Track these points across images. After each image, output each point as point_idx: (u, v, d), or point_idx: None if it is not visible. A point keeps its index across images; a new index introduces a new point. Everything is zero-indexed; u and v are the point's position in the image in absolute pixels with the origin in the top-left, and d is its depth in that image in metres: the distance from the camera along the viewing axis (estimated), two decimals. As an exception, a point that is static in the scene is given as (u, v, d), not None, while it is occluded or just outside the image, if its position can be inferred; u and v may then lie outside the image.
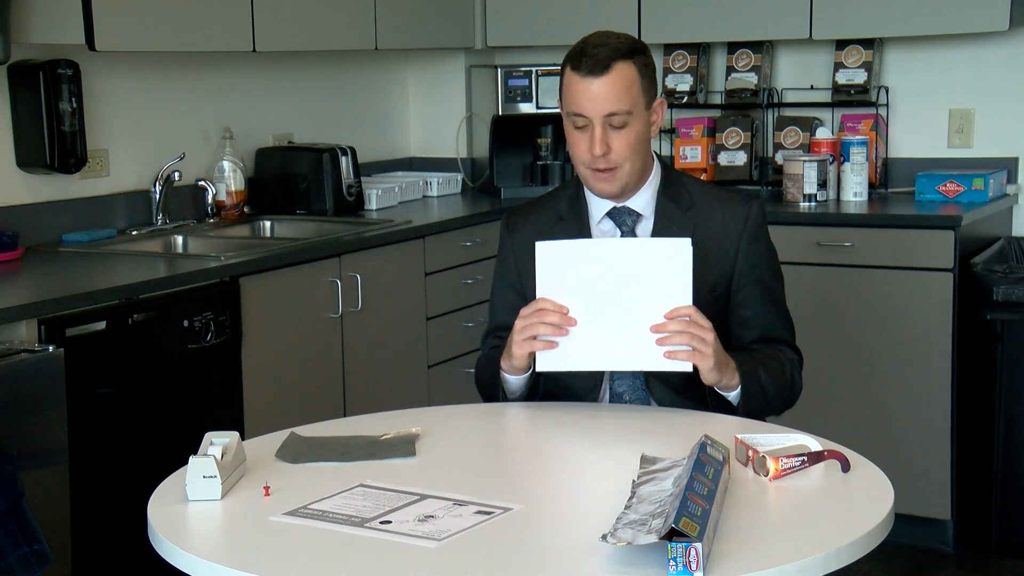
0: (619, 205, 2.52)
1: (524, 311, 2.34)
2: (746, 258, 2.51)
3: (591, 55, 2.39)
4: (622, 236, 2.51)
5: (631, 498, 1.81)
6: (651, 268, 2.29)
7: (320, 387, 3.75)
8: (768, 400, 2.44)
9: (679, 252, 2.29)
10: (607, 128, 2.40)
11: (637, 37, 2.56)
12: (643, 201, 2.53)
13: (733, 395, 2.39)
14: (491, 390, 2.54)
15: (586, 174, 2.47)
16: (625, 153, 2.42)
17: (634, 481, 1.90)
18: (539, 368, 2.35)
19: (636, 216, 2.52)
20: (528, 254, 2.58)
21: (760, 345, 2.52)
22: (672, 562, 1.61)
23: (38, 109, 3.56)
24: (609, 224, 2.53)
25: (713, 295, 2.49)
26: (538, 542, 1.79)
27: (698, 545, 1.61)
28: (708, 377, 2.31)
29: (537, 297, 2.34)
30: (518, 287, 2.59)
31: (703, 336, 2.26)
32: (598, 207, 2.54)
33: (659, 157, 2.59)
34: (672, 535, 1.61)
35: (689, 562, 1.60)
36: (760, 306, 2.52)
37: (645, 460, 2.00)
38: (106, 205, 3.92)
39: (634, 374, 2.48)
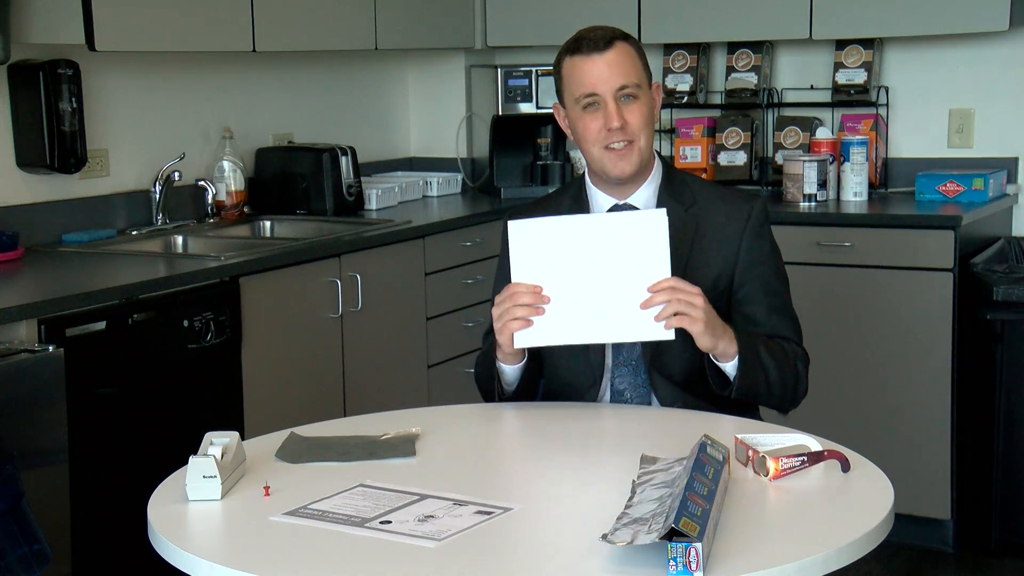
0: (621, 202, 2.53)
1: (498, 298, 2.35)
2: (748, 255, 2.51)
3: (590, 38, 2.43)
4: None
5: (631, 498, 1.82)
6: (628, 242, 2.28)
7: (320, 387, 3.75)
8: (768, 381, 2.40)
9: (655, 224, 2.27)
10: (619, 102, 2.42)
11: (637, 38, 2.58)
12: (645, 198, 2.53)
13: (731, 365, 2.37)
14: (488, 385, 2.54)
15: (602, 156, 2.47)
16: (640, 124, 2.44)
17: (634, 481, 1.90)
18: (517, 345, 2.34)
19: (639, 214, 2.52)
20: None
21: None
22: (672, 562, 1.61)
23: (38, 109, 3.56)
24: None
25: (715, 292, 2.49)
26: (538, 542, 1.79)
27: (698, 545, 1.61)
28: (702, 341, 2.29)
29: (512, 278, 2.32)
30: None
31: (690, 300, 2.25)
32: (601, 205, 2.54)
33: (660, 155, 2.59)
34: (672, 535, 1.61)
35: (689, 562, 1.60)
36: (763, 303, 2.51)
37: (645, 460, 2.00)
38: (106, 205, 3.92)
39: (636, 371, 2.48)
